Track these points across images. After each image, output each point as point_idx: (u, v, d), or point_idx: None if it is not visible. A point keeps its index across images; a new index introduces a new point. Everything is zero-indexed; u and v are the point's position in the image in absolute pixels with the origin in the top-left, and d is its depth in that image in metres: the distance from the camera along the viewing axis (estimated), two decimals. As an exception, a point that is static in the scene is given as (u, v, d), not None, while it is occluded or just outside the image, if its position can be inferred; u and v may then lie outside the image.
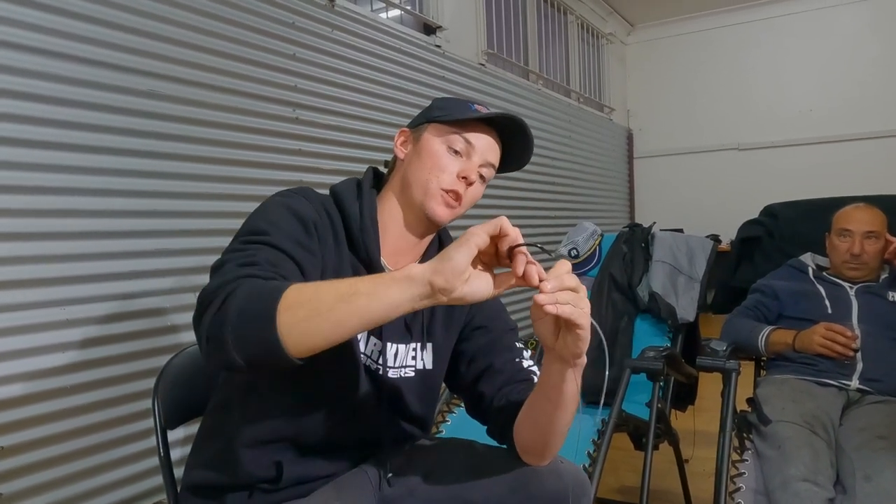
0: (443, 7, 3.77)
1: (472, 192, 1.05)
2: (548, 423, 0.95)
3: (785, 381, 1.84)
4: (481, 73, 4.09)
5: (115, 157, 2.01)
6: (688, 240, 2.39)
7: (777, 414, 1.64)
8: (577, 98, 5.66)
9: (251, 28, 2.46)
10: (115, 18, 2.02)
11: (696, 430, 2.20)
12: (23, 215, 1.79)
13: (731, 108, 6.31)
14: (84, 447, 1.91)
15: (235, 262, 0.83)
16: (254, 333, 0.74)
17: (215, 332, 0.75)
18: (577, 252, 2.41)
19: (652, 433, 1.69)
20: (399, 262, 1.06)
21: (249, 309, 0.75)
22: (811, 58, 5.95)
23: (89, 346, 1.94)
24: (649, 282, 2.28)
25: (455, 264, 0.74)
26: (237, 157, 2.37)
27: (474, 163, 1.04)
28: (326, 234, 0.98)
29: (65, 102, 1.88)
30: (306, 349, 0.76)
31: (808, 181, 5.49)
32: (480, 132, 1.04)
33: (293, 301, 0.74)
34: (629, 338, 2.25)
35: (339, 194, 1.04)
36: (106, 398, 1.97)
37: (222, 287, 0.78)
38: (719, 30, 6.32)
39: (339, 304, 0.74)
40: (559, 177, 5.04)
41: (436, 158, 1.02)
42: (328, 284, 0.78)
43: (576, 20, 5.65)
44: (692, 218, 6.04)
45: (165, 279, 2.10)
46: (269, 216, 0.93)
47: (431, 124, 1.05)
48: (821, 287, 2.01)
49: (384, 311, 0.76)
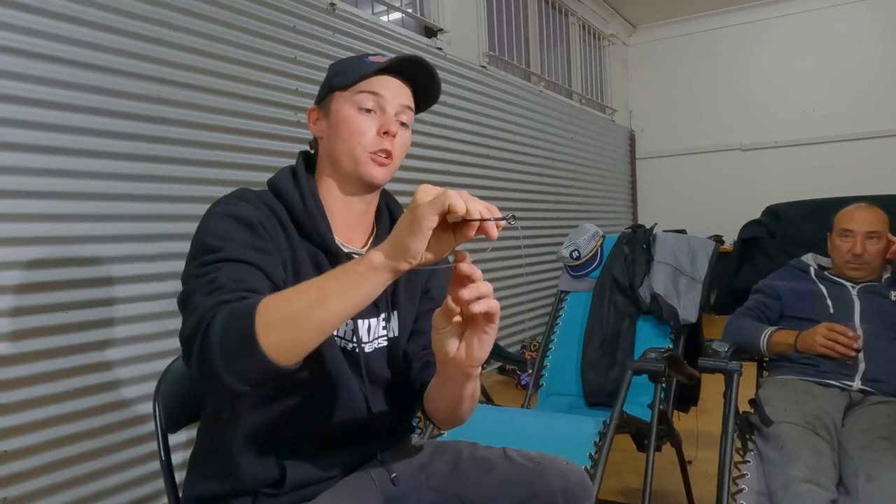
0: (444, 9, 3.78)
1: (399, 143, 1.03)
2: (446, 407, 1.01)
3: (787, 381, 1.83)
4: (483, 75, 4.10)
5: (117, 161, 2.02)
6: (689, 241, 2.38)
7: (779, 415, 1.64)
8: (579, 99, 5.66)
9: (252, 32, 2.47)
10: (120, 24, 2.03)
11: (700, 431, 2.19)
12: (25, 219, 1.80)
13: (733, 109, 6.30)
14: (86, 451, 1.92)
15: (200, 293, 0.84)
16: (243, 362, 0.77)
17: (209, 372, 0.78)
18: (578, 254, 2.41)
19: (654, 435, 1.68)
20: (354, 237, 1.06)
21: (229, 341, 0.77)
22: (813, 58, 5.94)
23: (91, 350, 1.95)
24: (651, 283, 2.27)
25: (413, 252, 0.75)
26: (239, 161, 2.38)
27: (389, 114, 1.01)
28: (275, 229, 0.97)
29: (71, 108, 1.89)
30: (298, 356, 0.78)
31: (810, 181, 5.49)
32: (384, 82, 1.02)
33: (268, 320, 0.76)
34: (631, 339, 2.25)
35: (276, 185, 1.03)
36: (107, 402, 1.98)
37: (198, 326, 0.79)
38: (721, 30, 6.32)
39: (314, 311, 0.76)
40: (561, 178, 5.03)
41: (351, 124, 1.00)
42: (297, 292, 0.78)
43: (577, 21, 5.65)
44: (695, 219, 6.04)
45: (167, 283, 2.11)
46: (216, 230, 0.91)
47: (335, 93, 1.03)
48: (823, 287, 2.01)
49: (358, 305, 0.78)
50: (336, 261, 1.00)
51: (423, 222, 0.73)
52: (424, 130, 3.50)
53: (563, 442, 1.61)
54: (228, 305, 0.80)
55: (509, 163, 4.31)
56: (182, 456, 1.29)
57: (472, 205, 0.74)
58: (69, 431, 1.88)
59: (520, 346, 4.12)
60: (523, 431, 1.67)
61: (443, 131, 3.66)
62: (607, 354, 2.24)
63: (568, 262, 2.44)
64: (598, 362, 2.23)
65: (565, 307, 2.46)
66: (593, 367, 2.22)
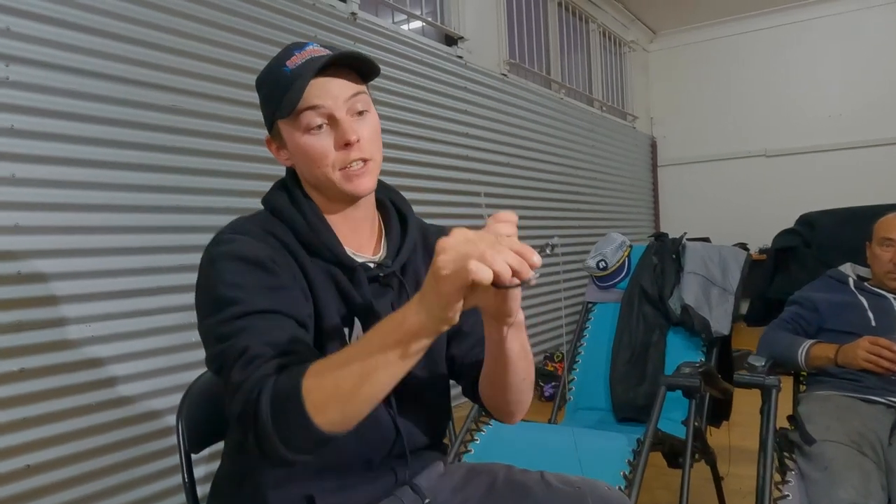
0: (464, 18, 3.76)
1: (367, 137, 0.93)
2: (501, 381, 0.94)
3: (828, 397, 1.76)
4: (503, 83, 4.06)
5: (138, 173, 2.01)
6: (720, 250, 2.32)
7: (822, 433, 1.57)
8: (600, 106, 5.61)
9: (273, 42, 2.46)
10: (137, 34, 2.03)
11: (731, 445, 2.13)
12: (47, 232, 1.80)
13: (756, 115, 6.20)
14: (108, 465, 1.90)
15: (236, 368, 0.80)
16: (303, 442, 0.76)
17: (272, 453, 0.77)
18: (605, 264, 2.36)
19: (689, 452, 1.62)
20: (362, 243, 1.00)
21: (283, 424, 0.75)
22: (840, 62, 5.83)
23: (113, 363, 1.94)
24: (681, 294, 2.21)
25: (451, 319, 0.70)
26: (260, 172, 2.36)
27: (342, 119, 0.91)
28: (285, 257, 0.91)
29: (91, 119, 1.89)
30: (354, 423, 0.77)
31: (837, 188, 5.36)
32: (318, 88, 0.90)
33: (318, 398, 0.74)
34: (661, 352, 2.18)
35: (274, 205, 0.97)
36: (130, 415, 1.97)
37: (245, 410, 0.77)
38: (743, 36, 6.23)
39: (362, 387, 0.74)
40: (583, 186, 4.98)
41: (309, 151, 0.91)
42: (340, 366, 0.75)
43: (597, 28, 5.60)
44: (718, 226, 5.93)
45: (186, 295, 2.08)
46: (227, 278, 0.85)
47: (279, 122, 0.94)
48: (863, 298, 1.93)
49: (406, 370, 0.75)
50: (351, 273, 0.96)
51: (449, 297, 0.68)
52: (448, 140, 3.48)
53: (596, 460, 1.55)
54: (270, 381, 0.77)
55: (531, 171, 4.27)
56: (205, 469, 1.26)
57: (498, 263, 0.65)
58: (92, 445, 1.86)
59: (542, 356, 4.06)
60: (555, 449, 1.62)
61: (465, 140, 3.63)
62: (636, 368, 2.17)
63: (595, 272, 2.39)
64: (627, 376, 2.17)
65: (592, 318, 2.40)
66: (622, 380, 2.16)
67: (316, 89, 0.90)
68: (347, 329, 0.95)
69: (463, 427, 1.79)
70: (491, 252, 0.65)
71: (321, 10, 2.72)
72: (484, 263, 0.65)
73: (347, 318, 0.96)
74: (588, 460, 1.54)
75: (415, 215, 1.09)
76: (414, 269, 1.04)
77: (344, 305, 0.95)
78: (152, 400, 2.02)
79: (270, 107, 0.95)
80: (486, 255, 0.65)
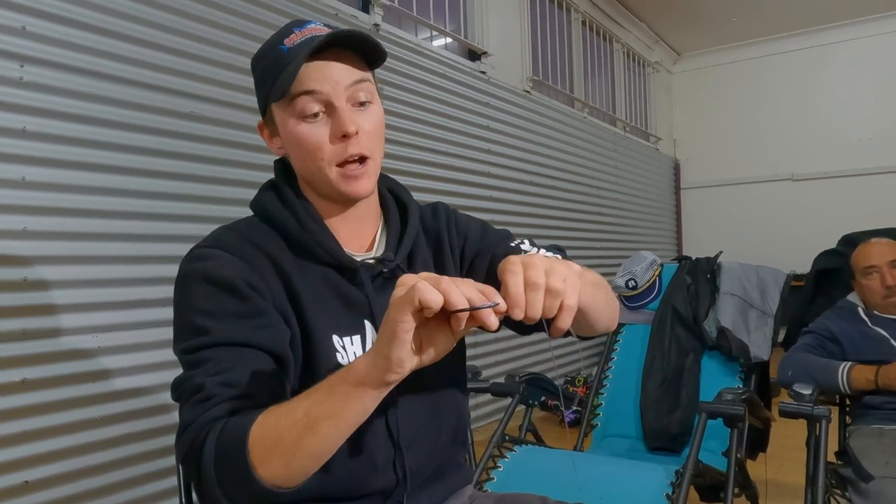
0: (488, 33, 3.71)
1: (369, 131, 0.83)
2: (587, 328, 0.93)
3: (882, 432, 1.64)
4: (526, 99, 4.00)
5: (154, 180, 1.96)
6: (758, 271, 2.20)
7: (880, 469, 1.45)
8: (623, 127, 5.52)
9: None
10: (158, 39, 1.99)
11: (767, 478, 1.99)
12: (56, 237, 1.74)
13: (782, 138, 6.08)
14: (111, 483, 1.82)
15: (188, 404, 0.74)
16: (246, 495, 0.70)
17: (214, 502, 0.72)
18: (635, 283, 2.24)
19: (731, 486, 1.50)
20: (363, 241, 0.91)
21: (225, 475, 0.70)
22: (868, 86, 5.71)
23: (121, 376, 1.86)
24: (717, 316, 2.09)
25: (396, 361, 0.63)
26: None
27: (340, 108, 0.81)
28: (263, 273, 0.81)
29: (106, 123, 1.84)
30: (300, 480, 0.71)
31: (866, 212, 5.18)
32: (317, 71, 0.80)
33: (261, 449, 0.68)
34: (696, 377, 2.06)
35: (262, 208, 0.88)
36: (135, 431, 1.88)
37: (189, 453, 0.72)
38: (767, 58, 6.14)
39: (305, 438, 0.67)
40: (605, 206, 4.88)
41: (303, 141, 0.82)
42: (285, 415, 0.69)
43: (621, 48, 5.54)
44: (742, 250, 5.72)
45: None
46: (197, 304, 0.78)
47: (272, 105, 0.85)
48: (879, 329, 1.84)
49: (352, 425, 0.69)
50: (353, 275, 0.86)
51: (396, 326, 0.61)
52: (469, 155, 3.40)
53: (631, 493, 1.43)
54: (218, 426, 0.71)
55: (553, 189, 4.18)
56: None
57: (452, 294, 0.60)
58: (94, 462, 1.78)
59: (563, 379, 3.93)
60: (586, 479, 1.50)
61: (486, 156, 3.55)
62: (669, 393, 2.05)
63: (624, 291, 2.27)
64: (660, 402, 2.04)
65: (620, 340, 2.28)
66: (654, 407, 2.03)
67: (314, 72, 0.80)
68: (359, 336, 0.86)
69: (485, 453, 1.67)
70: (448, 282, 0.62)
71: (344, 21, 2.68)
72: (437, 290, 0.60)
73: (356, 324, 0.86)
74: (622, 492, 1.43)
75: (415, 201, 0.97)
76: (423, 258, 0.94)
77: (349, 312, 0.86)
78: (160, 416, 1.94)
79: (264, 88, 0.85)
80: (441, 283, 0.61)
